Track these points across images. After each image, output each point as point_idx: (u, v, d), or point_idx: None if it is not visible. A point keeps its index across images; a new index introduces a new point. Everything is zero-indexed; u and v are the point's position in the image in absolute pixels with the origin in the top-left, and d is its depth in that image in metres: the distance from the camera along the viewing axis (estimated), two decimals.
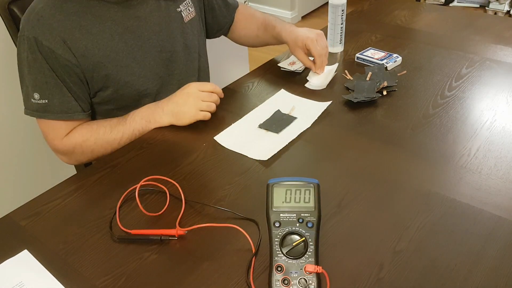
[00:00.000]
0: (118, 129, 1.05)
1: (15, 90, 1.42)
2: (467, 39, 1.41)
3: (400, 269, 0.70)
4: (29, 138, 1.51)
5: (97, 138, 1.05)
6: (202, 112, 1.04)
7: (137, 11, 1.05)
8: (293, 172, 0.92)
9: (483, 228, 0.76)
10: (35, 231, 0.81)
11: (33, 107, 1.02)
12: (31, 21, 0.97)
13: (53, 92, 1.01)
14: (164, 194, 0.87)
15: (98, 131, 1.05)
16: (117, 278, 0.72)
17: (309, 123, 1.05)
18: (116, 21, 1.03)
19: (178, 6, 1.14)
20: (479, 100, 1.10)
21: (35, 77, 0.99)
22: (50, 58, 0.98)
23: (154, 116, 1.05)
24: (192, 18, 1.19)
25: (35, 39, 0.96)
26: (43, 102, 1.01)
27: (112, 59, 1.03)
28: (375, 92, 1.12)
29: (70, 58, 0.99)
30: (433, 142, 0.97)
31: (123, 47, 1.04)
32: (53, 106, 1.02)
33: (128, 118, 1.06)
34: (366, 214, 0.81)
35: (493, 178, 0.87)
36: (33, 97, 1.01)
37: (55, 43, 0.97)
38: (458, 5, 3.56)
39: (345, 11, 1.32)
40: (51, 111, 1.02)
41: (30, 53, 0.98)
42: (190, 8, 1.18)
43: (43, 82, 1.00)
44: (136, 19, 1.05)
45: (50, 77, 1.00)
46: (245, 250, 0.75)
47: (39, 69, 0.99)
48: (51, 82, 1.00)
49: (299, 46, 1.19)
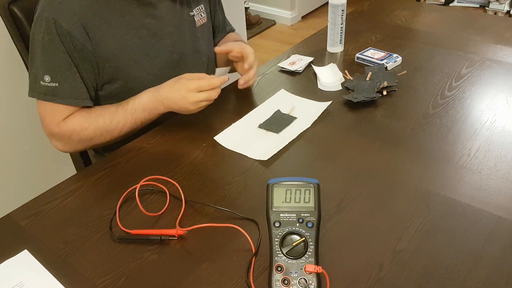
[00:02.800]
0: (118, 120, 1.03)
1: (15, 89, 1.42)
2: (467, 39, 1.41)
3: (400, 269, 0.70)
4: (29, 138, 1.51)
5: (96, 128, 1.03)
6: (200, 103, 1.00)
7: (154, 9, 1.07)
8: (293, 172, 0.92)
9: (483, 228, 0.76)
10: (35, 231, 0.81)
11: (41, 89, 1.00)
12: (53, 3, 0.96)
13: (65, 76, 0.99)
14: (164, 194, 0.87)
15: (97, 121, 1.03)
16: (117, 278, 0.72)
17: (309, 123, 1.05)
18: (134, 16, 1.04)
19: (191, 9, 1.15)
20: (479, 100, 1.11)
21: (48, 59, 0.98)
22: (67, 41, 0.97)
23: (157, 109, 1.03)
24: (203, 23, 1.19)
25: (54, 21, 0.95)
26: (53, 85, 0.99)
27: (126, 52, 1.04)
28: (375, 92, 1.12)
29: (87, 44, 0.99)
30: (433, 142, 0.97)
31: (138, 42, 1.05)
32: (63, 91, 1.00)
33: (128, 107, 1.03)
34: (366, 214, 0.81)
35: (493, 178, 0.87)
36: (43, 79, 0.99)
37: (75, 27, 0.96)
38: (458, 5, 3.57)
39: (345, 11, 1.32)
40: (59, 95, 1.00)
41: (47, 34, 0.96)
42: (202, 14, 1.19)
43: (56, 65, 0.98)
44: (152, 17, 1.06)
45: (64, 61, 0.98)
46: (245, 250, 0.75)
47: (54, 51, 0.97)
48: (65, 66, 0.99)
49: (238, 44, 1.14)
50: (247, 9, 3.65)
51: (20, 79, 1.35)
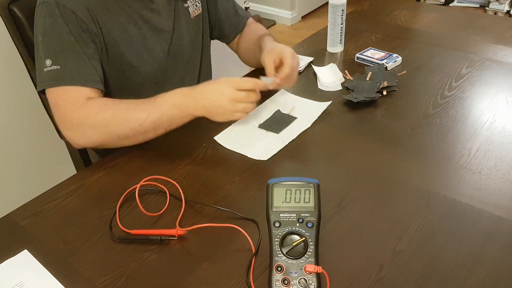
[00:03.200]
0: (143, 108, 0.94)
1: (16, 89, 1.42)
2: (467, 39, 1.41)
3: (400, 269, 0.70)
4: (29, 138, 1.51)
5: (116, 112, 0.94)
6: (237, 114, 0.95)
7: (152, 3, 1.07)
8: (293, 172, 0.92)
9: (483, 228, 0.76)
10: (35, 231, 0.81)
11: (45, 77, 0.95)
12: None
13: (68, 58, 0.95)
14: (164, 194, 0.87)
15: (120, 105, 0.95)
16: (117, 278, 0.72)
17: (309, 123, 1.05)
18: (132, 7, 1.04)
19: (185, 1, 1.15)
20: (479, 100, 1.10)
21: (49, 43, 0.95)
22: (72, 21, 0.94)
23: (187, 106, 0.95)
24: (198, 14, 1.19)
25: (57, 3, 0.94)
26: (55, 68, 0.94)
27: (126, 40, 1.04)
28: (375, 92, 1.12)
29: (92, 26, 0.97)
30: (433, 142, 0.97)
31: (137, 33, 1.05)
32: (66, 72, 0.94)
33: (157, 100, 0.95)
34: (366, 214, 0.81)
35: (493, 178, 0.87)
36: (45, 64, 0.94)
37: (79, 9, 0.95)
38: (458, 5, 3.56)
39: (345, 11, 1.32)
40: (63, 78, 0.94)
41: (48, 18, 0.94)
42: (197, 4, 1.18)
43: (58, 47, 0.95)
44: (150, 10, 1.07)
45: (68, 42, 0.95)
46: (245, 250, 0.75)
47: (56, 34, 0.94)
48: (68, 48, 0.95)
49: (274, 52, 1.06)
50: (247, 9, 3.65)
51: (20, 79, 1.35)
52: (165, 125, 0.95)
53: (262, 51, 1.10)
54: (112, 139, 0.95)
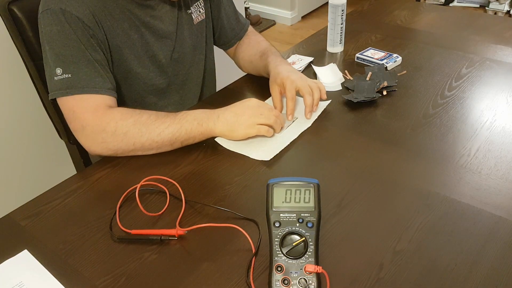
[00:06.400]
0: (164, 120, 0.94)
1: (16, 90, 1.42)
2: (467, 39, 1.41)
3: (400, 269, 0.70)
4: (29, 138, 1.51)
5: (137, 120, 0.94)
6: (258, 126, 0.96)
7: (154, 11, 1.07)
8: (293, 172, 0.92)
9: (483, 228, 0.76)
10: (35, 231, 0.81)
11: (56, 85, 0.94)
12: None
13: (79, 66, 0.94)
14: (164, 194, 0.87)
15: (141, 115, 0.95)
16: (117, 278, 0.72)
17: (309, 123, 1.05)
18: (134, 14, 1.04)
19: (189, 7, 1.15)
20: (479, 100, 1.11)
21: (58, 51, 0.94)
22: (78, 28, 0.94)
23: (208, 121, 0.96)
24: (201, 20, 1.19)
25: (62, 11, 0.93)
26: (66, 76, 0.93)
27: (129, 46, 1.04)
28: (375, 92, 1.12)
29: (98, 32, 0.97)
30: (433, 142, 0.97)
31: (139, 39, 1.05)
32: (78, 80, 0.94)
33: (179, 114, 0.96)
34: (366, 214, 0.81)
35: (493, 178, 0.87)
36: (56, 73, 0.94)
37: (85, 15, 0.95)
38: (458, 5, 3.57)
39: (345, 11, 1.32)
40: (75, 86, 0.94)
41: (55, 25, 0.93)
42: (200, 10, 1.18)
43: (67, 55, 0.94)
44: (152, 17, 1.07)
45: (77, 49, 0.94)
46: (245, 250, 0.75)
47: (64, 42, 0.94)
48: (77, 55, 0.94)
49: (277, 83, 1.07)
50: (247, 9, 3.65)
51: (20, 79, 1.35)
52: (182, 138, 0.95)
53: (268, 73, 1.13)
54: (128, 148, 0.95)
